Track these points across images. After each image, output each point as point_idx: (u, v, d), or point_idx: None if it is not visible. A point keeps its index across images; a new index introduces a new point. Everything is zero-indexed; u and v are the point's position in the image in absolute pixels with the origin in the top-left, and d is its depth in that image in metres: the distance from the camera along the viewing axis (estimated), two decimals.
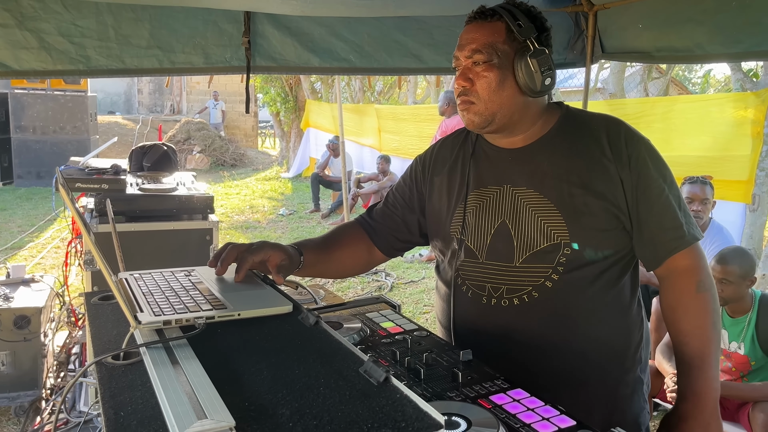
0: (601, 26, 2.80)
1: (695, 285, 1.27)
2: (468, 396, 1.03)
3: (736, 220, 4.06)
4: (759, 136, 3.88)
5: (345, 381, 0.81)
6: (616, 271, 1.31)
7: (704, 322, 1.27)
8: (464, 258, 1.38)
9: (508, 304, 1.31)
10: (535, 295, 1.29)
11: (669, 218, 1.28)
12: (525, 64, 1.25)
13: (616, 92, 5.94)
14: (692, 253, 1.29)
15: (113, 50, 2.46)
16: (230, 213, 9.34)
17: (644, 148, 1.30)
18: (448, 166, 1.46)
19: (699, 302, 1.27)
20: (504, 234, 1.33)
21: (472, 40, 1.28)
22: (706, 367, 1.26)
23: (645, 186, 1.27)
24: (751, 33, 1.91)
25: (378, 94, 14.58)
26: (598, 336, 1.31)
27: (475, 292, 1.36)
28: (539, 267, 1.29)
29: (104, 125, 15.21)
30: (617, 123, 1.33)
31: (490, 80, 1.26)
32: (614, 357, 1.33)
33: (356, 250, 1.57)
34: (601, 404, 1.32)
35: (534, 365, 1.28)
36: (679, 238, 1.27)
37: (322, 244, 1.53)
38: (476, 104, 1.29)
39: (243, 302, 1.08)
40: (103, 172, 3.38)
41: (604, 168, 1.27)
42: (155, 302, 1.05)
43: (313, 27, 2.66)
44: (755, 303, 2.55)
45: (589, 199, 1.26)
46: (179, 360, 0.86)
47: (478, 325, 1.35)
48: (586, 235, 1.27)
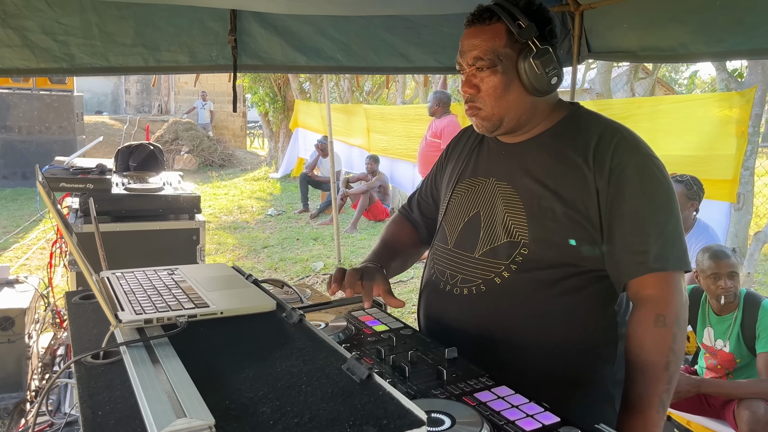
0: (587, 26, 2.81)
1: (654, 318, 1.19)
2: (453, 393, 1.03)
3: (721, 219, 4.08)
4: (743, 136, 3.90)
5: (327, 378, 0.81)
6: (581, 280, 1.26)
7: (656, 360, 1.18)
8: (439, 243, 1.43)
9: (458, 292, 1.33)
10: (483, 288, 1.30)
11: (636, 241, 1.20)
12: (529, 66, 1.23)
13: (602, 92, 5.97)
14: (659, 283, 1.20)
15: (97, 48, 2.43)
16: (218, 213, 9.29)
17: (635, 163, 1.22)
18: (459, 153, 1.50)
19: (655, 337, 1.19)
20: (474, 224, 1.34)
21: (473, 46, 1.25)
22: (647, 410, 1.18)
23: (620, 202, 1.21)
24: (733, 32, 1.93)
25: (367, 94, 14.57)
26: (545, 341, 1.26)
27: (437, 276, 1.40)
28: (494, 262, 1.29)
29: (91, 125, 15.08)
30: (614, 131, 1.26)
31: (495, 86, 1.25)
32: (562, 364, 1.27)
33: (412, 244, 1.62)
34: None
35: (478, 355, 1.23)
36: (639, 264, 1.20)
37: (391, 252, 1.57)
38: (483, 110, 1.28)
39: (226, 300, 1.08)
40: (88, 171, 3.35)
41: (582, 176, 1.24)
42: (137, 301, 1.04)
43: (299, 26, 2.64)
44: (741, 301, 2.56)
45: (556, 204, 1.24)
46: (160, 359, 0.85)
47: (435, 310, 1.40)
48: (545, 238, 1.25)
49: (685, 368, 2.86)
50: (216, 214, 9.25)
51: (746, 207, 4.05)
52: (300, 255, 6.80)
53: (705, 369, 2.73)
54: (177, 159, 14.48)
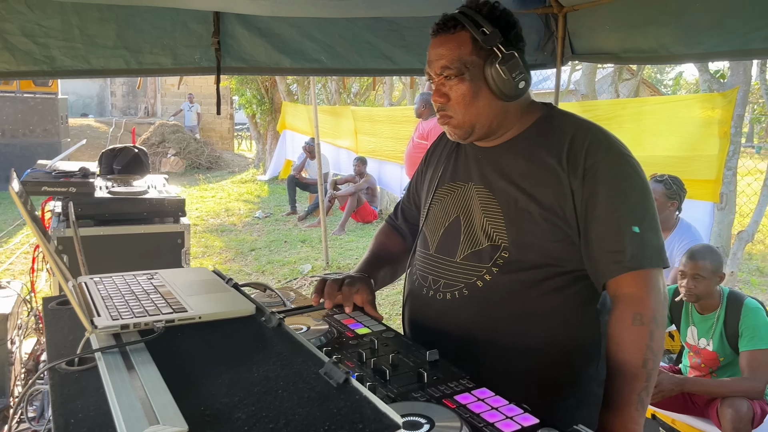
0: (571, 28, 2.83)
1: (631, 316, 1.20)
2: (433, 396, 1.03)
3: (704, 219, 4.12)
4: (726, 136, 3.94)
5: (304, 383, 0.80)
6: (564, 280, 1.27)
7: (634, 358, 1.19)
8: (421, 248, 1.44)
9: (442, 297, 1.34)
10: (466, 292, 1.30)
11: (612, 240, 1.21)
12: (495, 72, 1.24)
13: (588, 93, 6.02)
14: (637, 281, 1.21)
15: (79, 51, 2.41)
16: (205, 216, 9.24)
17: (608, 162, 1.24)
18: (437, 159, 1.51)
19: (632, 336, 1.20)
20: (454, 229, 1.35)
21: (439, 56, 1.26)
22: (626, 407, 1.19)
23: (596, 202, 1.23)
24: (712, 34, 1.95)
25: (354, 96, 14.56)
26: (528, 342, 1.27)
27: (420, 282, 1.40)
28: (475, 266, 1.30)
29: (76, 128, 14.95)
30: (587, 131, 1.28)
31: (464, 94, 1.26)
32: (547, 365, 1.28)
33: (401, 253, 1.61)
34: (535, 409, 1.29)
35: (463, 359, 1.24)
36: (616, 263, 1.21)
37: (380, 261, 1.59)
38: (454, 118, 1.30)
39: (205, 305, 1.07)
40: (71, 175, 3.32)
41: (557, 178, 1.25)
42: (114, 306, 1.03)
43: (283, 27, 2.64)
44: (723, 300, 2.59)
45: (533, 207, 1.25)
46: (135, 365, 0.84)
47: (419, 315, 1.40)
48: (524, 240, 1.26)
49: (669, 367, 2.88)
50: (203, 216, 9.20)
51: (729, 207, 4.09)
52: (288, 257, 6.77)
53: (689, 368, 2.75)
54: (164, 162, 14.40)
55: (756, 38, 1.81)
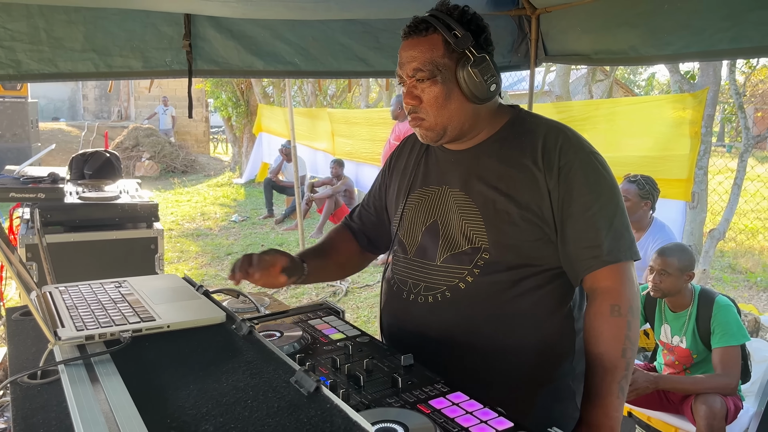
0: (544, 29, 2.85)
1: (609, 308, 1.23)
2: (407, 401, 1.02)
3: (677, 218, 4.18)
4: (697, 136, 4.01)
5: (274, 392, 0.79)
6: (540, 279, 1.30)
7: (612, 348, 1.23)
8: (398, 254, 1.43)
9: (423, 301, 1.34)
10: (448, 294, 1.31)
11: (588, 237, 1.24)
12: (468, 75, 1.25)
13: (562, 95, 6.08)
14: (613, 274, 1.24)
15: (45, 54, 2.35)
16: (181, 221, 9.12)
17: (580, 161, 1.27)
18: (404, 164, 1.50)
19: (611, 327, 1.23)
20: (433, 233, 1.35)
21: (411, 58, 1.27)
22: (607, 395, 1.23)
23: (570, 200, 1.25)
24: (680, 35, 1.97)
25: (331, 98, 14.52)
26: (510, 342, 1.29)
27: (399, 286, 1.40)
28: (456, 268, 1.31)
29: (47, 132, 14.67)
30: (558, 132, 1.31)
31: (437, 96, 1.27)
32: (528, 363, 1.30)
33: (349, 253, 1.62)
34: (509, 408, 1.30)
35: (444, 361, 1.27)
36: (594, 258, 1.24)
37: (320, 252, 1.57)
38: (426, 120, 1.30)
39: (174, 313, 1.05)
40: (40, 180, 3.25)
41: (533, 178, 1.27)
42: (79, 316, 1.00)
43: (256, 30, 2.61)
44: (695, 297, 2.62)
45: (511, 208, 1.26)
46: (99, 377, 0.82)
47: (399, 319, 1.40)
48: (504, 242, 1.27)
49: (644, 365, 2.91)
50: (178, 221, 9.09)
51: (701, 205, 4.16)
52: None
53: (663, 365, 2.78)
54: (138, 166, 14.20)
55: (723, 39, 1.84)
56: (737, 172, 4.55)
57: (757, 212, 8.08)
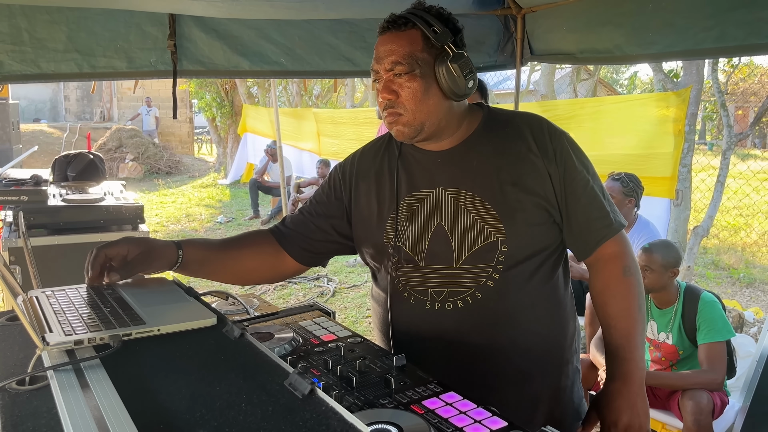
0: (529, 29, 2.86)
1: (622, 269, 1.32)
2: (401, 402, 1.02)
3: (661, 215, 4.23)
4: (680, 134, 4.06)
5: (268, 396, 0.78)
6: (550, 265, 1.34)
7: (630, 304, 1.31)
8: (403, 264, 1.35)
9: (452, 307, 1.30)
10: (478, 295, 1.29)
11: (596, 208, 1.32)
12: (447, 70, 1.24)
13: (547, 93, 6.11)
14: (618, 239, 1.33)
15: (27, 54, 2.32)
16: (165, 222, 9.05)
17: (566, 141, 1.33)
18: (374, 172, 1.43)
19: (625, 286, 1.32)
20: (441, 237, 1.31)
21: (390, 51, 1.25)
22: (632, 347, 1.30)
23: (571, 178, 1.30)
24: (664, 34, 1.99)
25: (316, 98, 14.48)
26: (539, 331, 1.34)
27: (417, 297, 1.33)
28: (480, 267, 1.29)
29: (28, 134, 14.47)
30: (539, 119, 1.36)
31: (415, 90, 1.25)
32: (554, 350, 1.36)
33: (260, 253, 1.47)
34: (546, 398, 1.35)
35: (480, 367, 1.29)
36: (607, 227, 1.32)
37: (216, 244, 1.44)
38: (404, 115, 1.27)
39: (163, 316, 1.03)
40: (22, 183, 3.21)
41: (532, 163, 1.30)
42: (67, 321, 0.99)
43: (241, 30, 2.59)
44: (681, 294, 2.65)
45: (521, 195, 1.28)
46: (90, 382, 0.80)
47: (422, 331, 1.33)
48: (521, 231, 1.28)
49: None
50: (163, 222, 9.01)
51: (685, 203, 4.21)
52: None
53: (650, 362, 2.81)
54: (121, 167, 14.07)
55: (707, 38, 1.86)
56: (720, 169, 4.61)
57: (739, 209, 8.19)
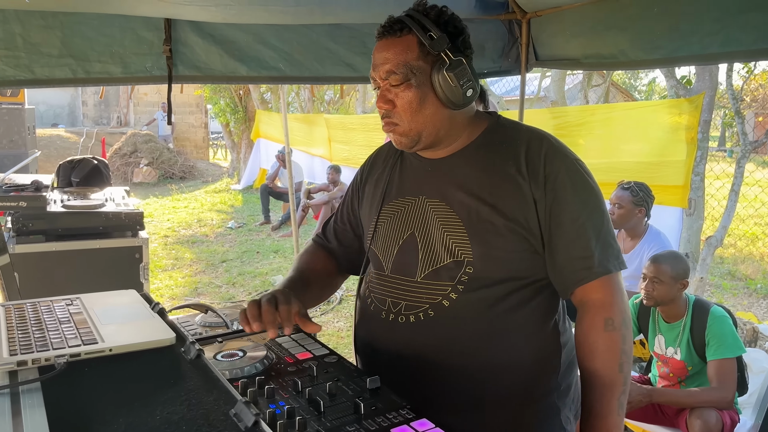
0: (534, 34, 2.79)
1: (603, 322, 1.19)
2: (368, 430, 0.95)
3: (674, 225, 4.11)
4: (693, 142, 3.94)
5: (210, 427, 0.73)
6: (526, 293, 1.23)
7: (610, 364, 1.19)
8: (373, 270, 1.35)
9: (404, 321, 1.25)
10: (431, 313, 1.23)
11: (579, 247, 1.19)
12: (443, 79, 1.18)
13: (557, 100, 6.01)
14: (604, 286, 1.20)
15: (21, 60, 2.29)
16: (177, 227, 9.07)
17: (566, 169, 1.22)
18: (377, 175, 1.43)
19: (606, 342, 1.19)
20: (411, 246, 1.27)
21: (384, 60, 1.20)
22: (608, 415, 1.19)
23: (559, 210, 1.20)
24: (670, 39, 1.91)
25: (327, 104, 14.47)
26: (497, 362, 1.22)
27: (377, 306, 1.31)
28: (439, 284, 1.23)
29: (45, 138, 14.65)
30: (540, 139, 1.25)
31: (411, 100, 1.20)
32: (517, 382, 1.24)
33: (329, 277, 1.51)
34: (500, 429, 1.24)
35: (428, 385, 1.21)
36: (586, 269, 1.19)
37: (302, 282, 1.43)
38: (400, 125, 1.24)
39: (120, 335, 0.98)
40: (23, 188, 3.19)
41: (518, 186, 1.20)
42: (17, 339, 0.94)
43: (238, 35, 2.55)
44: (689, 307, 2.55)
45: (495, 218, 1.20)
46: (22, 409, 0.75)
47: (377, 341, 1.31)
48: (490, 254, 1.20)
49: (638, 377, 2.84)
50: (174, 227, 9.03)
51: (698, 212, 4.09)
52: (260, 269, 6.66)
53: (658, 377, 2.71)
54: (136, 172, 14.16)
55: (713, 43, 1.78)
56: (734, 177, 4.48)
57: (757, 218, 8.01)
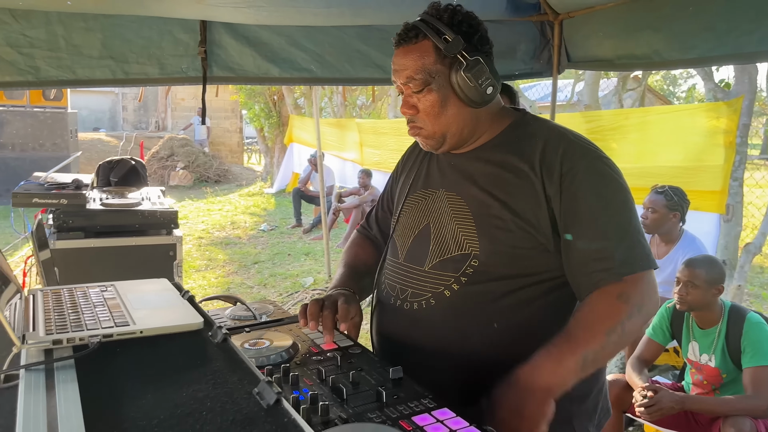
0: (566, 35, 2.77)
1: (617, 294, 1.13)
2: (390, 417, 0.96)
3: (710, 231, 4.01)
4: (731, 146, 3.85)
5: (233, 404, 0.75)
6: (536, 291, 1.22)
7: (602, 323, 1.12)
8: (390, 257, 1.39)
9: (408, 307, 1.29)
10: (433, 302, 1.25)
11: (599, 247, 1.15)
12: (461, 80, 1.21)
13: (591, 104, 5.94)
14: (629, 284, 1.14)
15: (64, 61, 2.39)
16: (211, 229, 9.22)
17: (585, 166, 1.19)
18: (410, 166, 1.47)
19: (610, 307, 1.12)
20: (424, 237, 1.31)
21: (403, 66, 1.23)
22: (564, 358, 1.10)
23: (576, 209, 1.17)
24: (705, 38, 1.88)
25: (360, 109, 14.56)
26: (498, 357, 1.19)
27: (388, 291, 1.36)
28: (444, 274, 1.25)
29: (87, 142, 15.07)
30: (560, 137, 1.23)
31: (432, 104, 1.23)
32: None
33: (376, 264, 1.52)
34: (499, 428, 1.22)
35: (428, 372, 1.20)
36: (605, 270, 1.14)
37: (356, 276, 1.48)
38: (424, 128, 1.27)
39: (151, 319, 1.01)
40: (63, 186, 3.30)
41: (530, 184, 1.20)
42: (53, 320, 0.98)
43: (271, 37, 2.60)
44: (725, 313, 2.49)
45: (504, 213, 1.20)
46: (56, 384, 0.79)
47: (385, 325, 1.36)
48: (496, 249, 1.21)
49: (672, 384, 2.78)
50: (209, 229, 9.19)
51: (736, 218, 3.99)
52: (290, 270, 6.72)
53: (692, 385, 2.65)
54: (172, 175, 14.45)
55: (749, 42, 1.75)
56: None
57: None
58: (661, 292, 3.35)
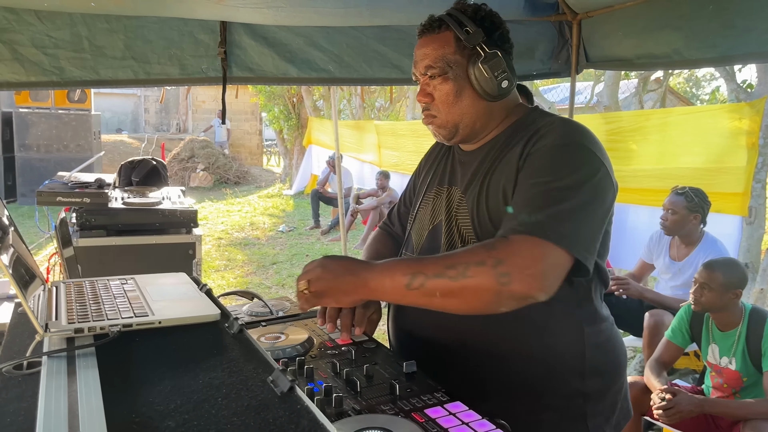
0: (585, 35, 2.76)
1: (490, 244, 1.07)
2: (402, 409, 0.97)
3: (732, 233, 3.95)
4: (754, 147, 3.79)
5: (248, 391, 0.76)
6: None
7: (455, 255, 1.09)
8: (406, 251, 1.43)
9: None
10: None
11: (518, 203, 1.12)
12: (478, 71, 1.22)
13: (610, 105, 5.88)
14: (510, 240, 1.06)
15: (87, 61, 2.44)
16: (230, 230, 9.31)
17: (552, 144, 1.15)
18: (431, 162, 1.49)
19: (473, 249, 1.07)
20: (437, 233, 1.33)
21: (423, 55, 1.26)
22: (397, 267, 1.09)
23: (523, 176, 1.15)
24: (725, 36, 1.86)
25: (378, 111, 14.59)
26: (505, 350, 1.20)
27: None
28: None
29: (110, 144, 15.30)
30: (551, 124, 1.20)
31: (448, 93, 1.25)
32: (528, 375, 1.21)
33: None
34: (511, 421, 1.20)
35: (440, 366, 1.21)
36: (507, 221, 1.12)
37: None
38: (438, 117, 1.28)
39: (169, 310, 1.03)
40: (86, 185, 3.36)
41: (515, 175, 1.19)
42: (75, 310, 1.00)
43: (290, 37, 2.63)
44: (745, 316, 2.46)
45: (501, 209, 1.20)
46: (77, 370, 0.81)
47: (400, 319, 1.38)
48: None
49: (691, 387, 2.75)
50: (228, 230, 9.27)
51: (758, 221, 3.93)
52: None
53: (711, 388, 2.62)
54: (193, 176, 14.61)
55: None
56: None
57: None
58: (681, 295, 3.32)
